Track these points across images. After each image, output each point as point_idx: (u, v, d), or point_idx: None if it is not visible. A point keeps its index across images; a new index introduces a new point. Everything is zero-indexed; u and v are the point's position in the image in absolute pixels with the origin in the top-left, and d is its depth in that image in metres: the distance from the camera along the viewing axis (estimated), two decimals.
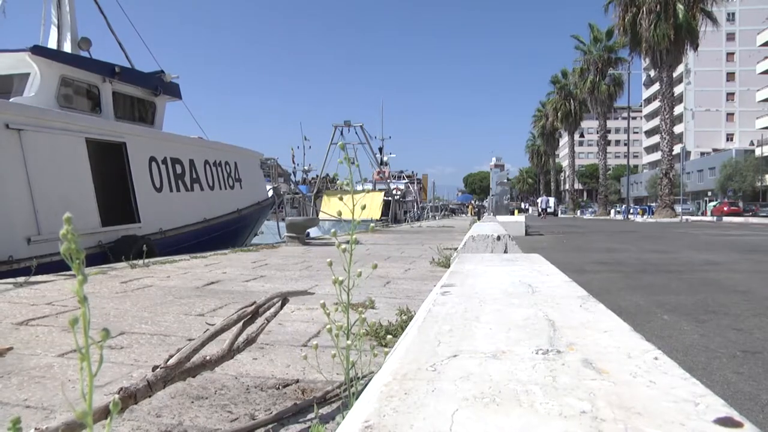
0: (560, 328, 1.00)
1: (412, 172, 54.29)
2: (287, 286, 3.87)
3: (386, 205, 26.54)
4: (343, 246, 1.14)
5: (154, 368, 1.23)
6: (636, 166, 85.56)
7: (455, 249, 5.90)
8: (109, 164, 8.38)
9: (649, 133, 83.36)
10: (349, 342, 1.14)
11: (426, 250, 7.30)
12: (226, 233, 10.77)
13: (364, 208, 1.23)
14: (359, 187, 34.04)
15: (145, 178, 8.88)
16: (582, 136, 54.43)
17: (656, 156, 63.60)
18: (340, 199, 1.21)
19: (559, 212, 56.23)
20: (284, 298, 1.60)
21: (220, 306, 3.10)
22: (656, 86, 47.42)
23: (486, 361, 0.79)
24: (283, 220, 12.83)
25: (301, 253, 6.88)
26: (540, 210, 42.15)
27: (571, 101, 55.48)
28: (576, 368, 0.75)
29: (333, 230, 1.40)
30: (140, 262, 5.41)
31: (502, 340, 0.92)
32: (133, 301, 3.22)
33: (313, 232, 16.10)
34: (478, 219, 22.10)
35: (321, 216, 18.69)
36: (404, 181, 42.64)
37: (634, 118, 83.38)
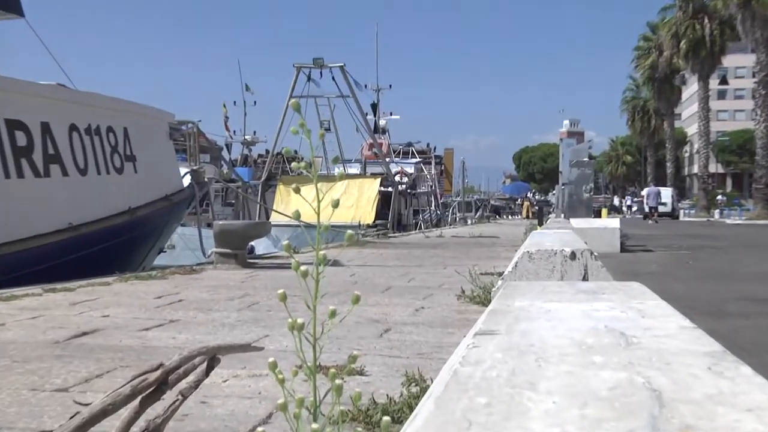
0: (671, 402, 1.01)
1: (428, 145, 54.59)
2: (216, 336, 3.95)
3: (384, 200, 26.80)
4: (304, 268, 1.17)
5: None
6: None
7: (499, 274, 6.00)
8: None
9: None
10: (316, 426, 1.17)
11: (450, 276, 7.42)
12: (110, 249, 10.82)
13: (337, 205, 1.25)
14: (337, 171, 33.35)
15: None
16: (724, 82, 54.27)
17: None
18: (317, 190, 1.24)
19: (681, 212, 56.53)
20: (212, 358, 1.63)
21: (98, 373, 3.14)
22: None
23: None
24: (210, 225, 12.86)
25: (241, 282, 7.02)
26: (648, 209, 42.24)
27: (705, 21, 55.68)
28: None
29: (286, 242, 1.41)
30: None
31: (573, 420, 0.93)
32: None
33: (260, 246, 16.13)
34: (539, 224, 22.14)
35: (274, 219, 18.62)
36: (414, 161, 42.75)
37: None
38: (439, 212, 42.17)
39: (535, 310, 1.77)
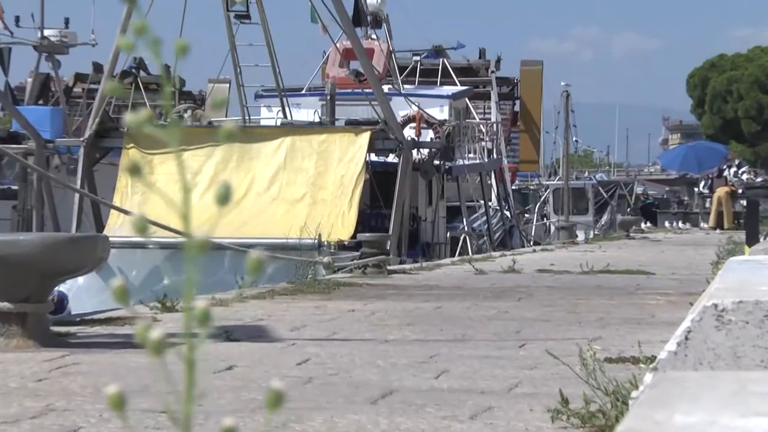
0: None
1: (481, 54, 31.09)
2: None
3: (379, 185, 16.06)
4: (157, 333, 0.68)
5: None
6: None
7: (650, 360, 3.91)
8: None
9: None
10: None
11: (535, 365, 4.55)
12: None
13: (226, 199, 0.63)
14: (266, 118, 19.01)
15: None
16: None
17: None
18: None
19: None
20: None
21: None
22: None
23: None
24: None
25: (38, 380, 4.09)
26: None
27: None
28: None
29: (116, 282, 0.73)
30: None
31: None
32: None
33: (83, 292, 10.16)
34: (750, 242, 12.34)
35: (114, 228, 11.94)
36: (450, 91, 23.53)
37: None
38: (509, 214, 24.40)
39: None
